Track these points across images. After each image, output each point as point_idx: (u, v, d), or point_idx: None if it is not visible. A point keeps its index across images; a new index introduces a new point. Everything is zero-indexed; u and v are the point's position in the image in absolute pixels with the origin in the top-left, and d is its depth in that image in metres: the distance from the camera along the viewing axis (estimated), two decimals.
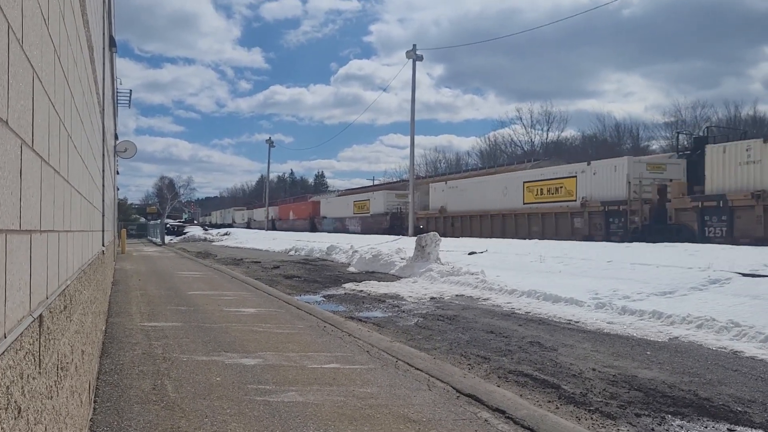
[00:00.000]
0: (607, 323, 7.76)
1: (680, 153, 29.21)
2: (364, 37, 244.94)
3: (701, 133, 35.02)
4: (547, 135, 75.19)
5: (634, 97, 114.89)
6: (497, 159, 68.82)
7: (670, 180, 24.54)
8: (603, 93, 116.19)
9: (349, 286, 12.62)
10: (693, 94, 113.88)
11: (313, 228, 58.54)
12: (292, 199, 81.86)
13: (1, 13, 1.09)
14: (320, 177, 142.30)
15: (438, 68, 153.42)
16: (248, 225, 78.48)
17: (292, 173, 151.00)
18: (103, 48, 6.81)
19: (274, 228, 67.61)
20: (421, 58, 34.47)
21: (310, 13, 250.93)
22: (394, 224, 42.83)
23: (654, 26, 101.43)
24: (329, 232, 50.75)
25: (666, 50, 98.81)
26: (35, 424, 1.43)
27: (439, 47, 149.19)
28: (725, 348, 6.31)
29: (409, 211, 37.23)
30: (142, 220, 68.35)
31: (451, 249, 18.56)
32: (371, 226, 46.01)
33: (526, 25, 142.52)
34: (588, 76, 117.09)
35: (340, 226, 52.61)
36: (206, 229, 58.38)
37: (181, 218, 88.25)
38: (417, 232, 35.94)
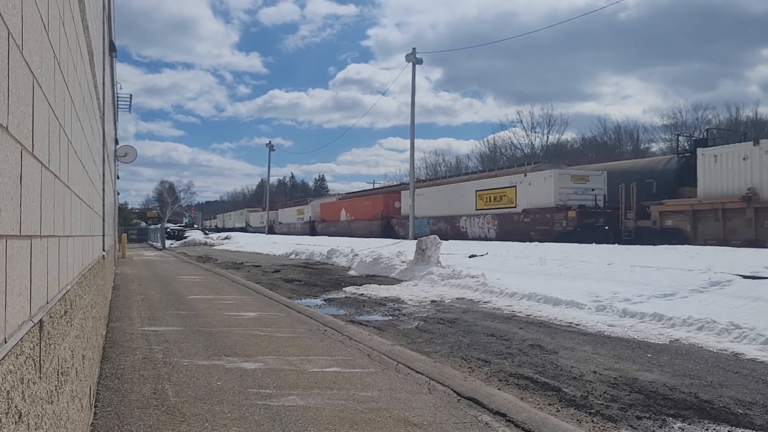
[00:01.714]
0: (608, 326, 7.75)
1: None
2: (361, 42, 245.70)
3: (702, 136, 35.07)
4: (548, 138, 75.28)
5: (631, 99, 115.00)
6: (497, 162, 68.84)
7: None
8: (601, 96, 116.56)
9: (349, 289, 12.61)
10: (690, 96, 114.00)
11: (389, 232, 38.96)
12: (357, 194, 63.35)
13: (0, 20, 1.10)
14: (320, 180, 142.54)
15: (436, 72, 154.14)
16: (271, 229, 65.84)
17: (292, 177, 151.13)
18: (103, 53, 6.82)
19: (314, 232, 53.25)
20: (420, 62, 34.48)
21: (308, 18, 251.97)
22: (583, 224, 24.23)
23: (651, 29, 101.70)
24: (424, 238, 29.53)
25: (663, 53, 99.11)
26: (36, 429, 1.44)
27: (437, 51, 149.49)
28: (726, 350, 6.30)
29: (604, 203, 25.14)
30: (143, 224, 67.99)
31: (452, 252, 18.56)
32: (525, 228, 26.24)
33: (523, 28, 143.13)
34: (586, 79, 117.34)
35: (449, 230, 32.52)
36: (207, 234, 58.10)
37: (182, 222, 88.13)
38: (661, 237, 21.79)
